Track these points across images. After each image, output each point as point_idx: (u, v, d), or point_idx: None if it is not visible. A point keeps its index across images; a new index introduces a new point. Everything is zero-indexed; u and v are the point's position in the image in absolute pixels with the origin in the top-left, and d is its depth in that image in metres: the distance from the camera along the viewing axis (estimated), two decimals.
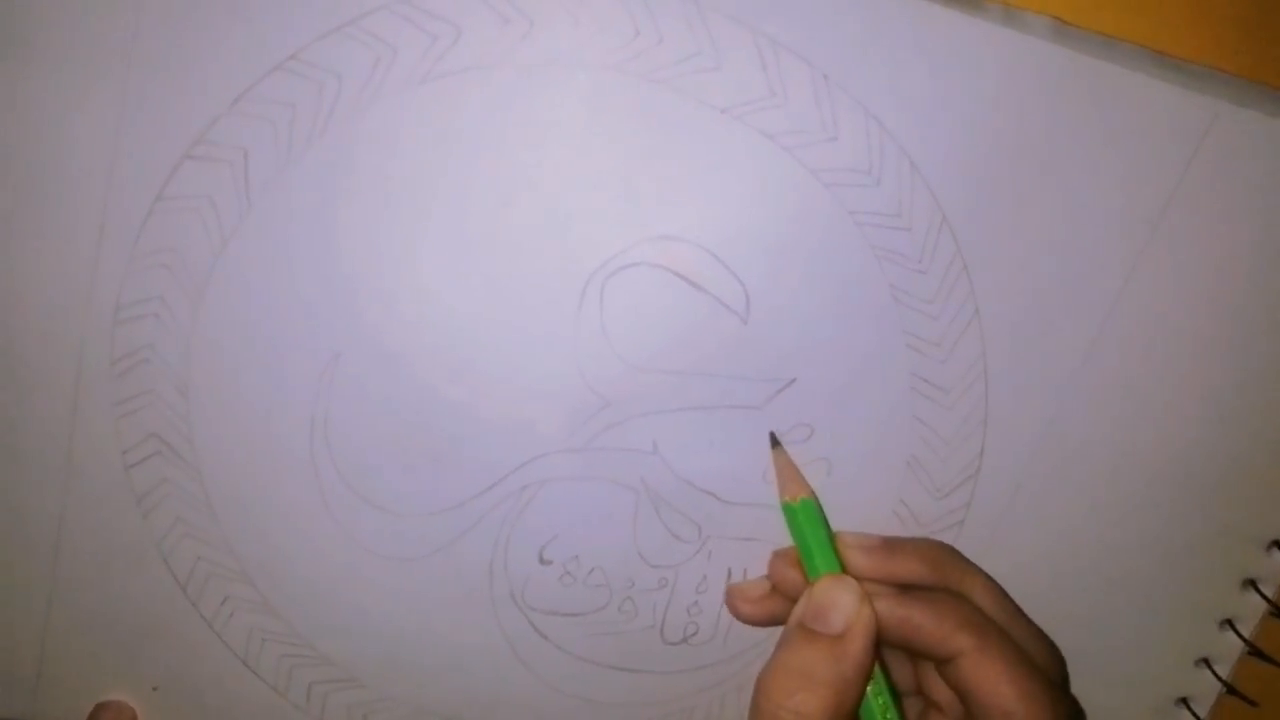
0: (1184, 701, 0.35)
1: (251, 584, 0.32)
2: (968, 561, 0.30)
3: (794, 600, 0.29)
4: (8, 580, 0.32)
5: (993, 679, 0.27)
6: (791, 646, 0.27)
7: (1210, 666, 0.34)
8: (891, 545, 0.30)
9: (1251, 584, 0.33)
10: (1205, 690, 0.35)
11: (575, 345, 0.30)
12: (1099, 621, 0.34)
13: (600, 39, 0.27)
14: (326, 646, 0.33)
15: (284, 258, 0.29)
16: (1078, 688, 0.33)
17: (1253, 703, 0.34)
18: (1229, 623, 0.34)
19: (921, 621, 0.27)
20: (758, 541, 0.32)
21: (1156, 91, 0.28)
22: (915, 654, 0.29)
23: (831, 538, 0.30)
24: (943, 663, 0.28)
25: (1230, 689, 0.34)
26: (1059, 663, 0.30)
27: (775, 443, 0.30)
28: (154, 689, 0.33)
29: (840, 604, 0.27)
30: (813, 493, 0.30)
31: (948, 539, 0.33)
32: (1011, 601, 0.30)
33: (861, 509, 0.32)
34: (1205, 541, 0.33)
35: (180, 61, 0.27)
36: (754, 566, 0.33)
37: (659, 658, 0.34)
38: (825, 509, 0.32)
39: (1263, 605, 0.33)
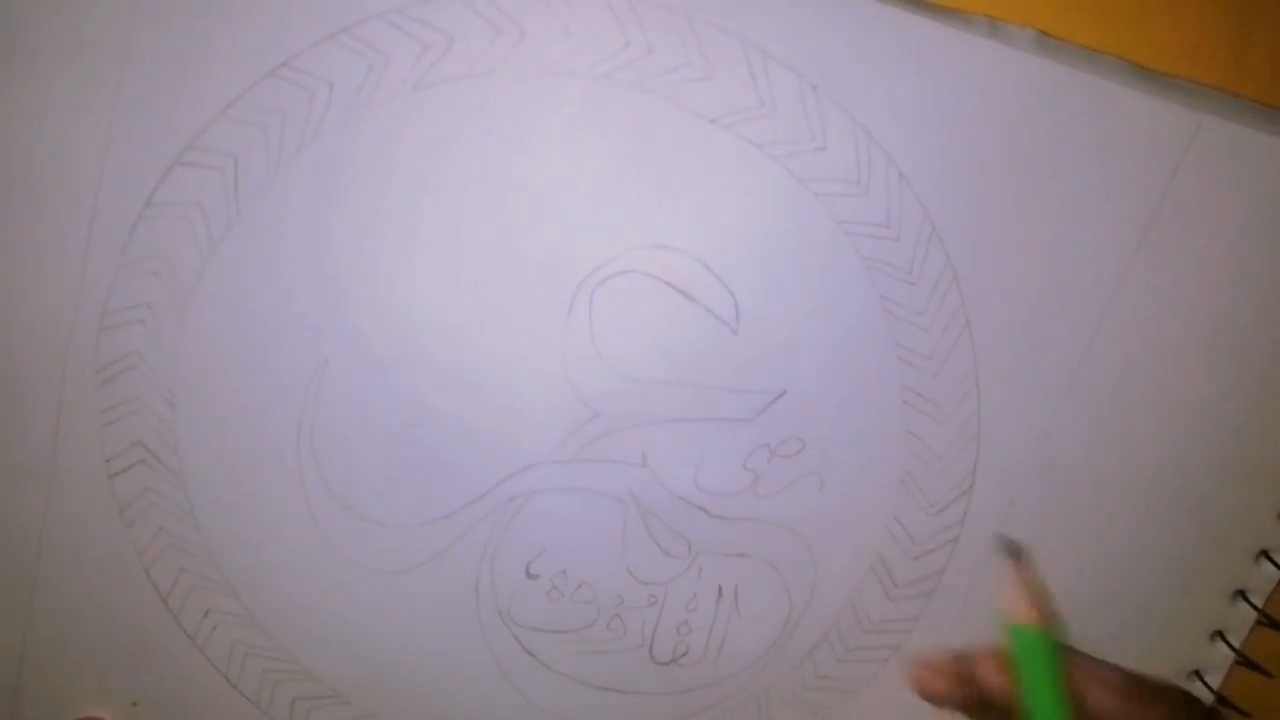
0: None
1: (235, 597, 0.32)
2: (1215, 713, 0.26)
3: (985, 696, 0.25)
4: None
5: None
6: None
7: (1201, 678, 0.34)
8: (1138, 689, 0.25)
9: (1241, 594, 0.33)
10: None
11: (564, 354, 0.29)
12: (1095, 633, 0.33)
13: (591, 49, 0.27)
14: (310, 662, 0.32)
15: (273, 265, 0.29)
16: None
17: (1245, 713, 0.34)
18: (1219, 634, 0.33)
19: None
20: (750, 558, 0.32)
21: (1140, 104, 0.28)
22: None
23: (1061, 684, 0.24)
24: None
25: (1222, 699, 0.34)
26: None
27: (1015, 553, 0.26)
28: (134, 704, 0.33)
29: None
30: (1053, 619, 0.25)
31: (942, 556, 0.32)
32: None
33: (855, 525, 0.32)
34: (1198, 551, 0.33)
35: (173, 68, 0.27)
36: (745, 584, 0.32)
37: (649, 678, 0.33)
38: (817, 524, 0.31)
39: (1252, 615, 0.33)
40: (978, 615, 0.32)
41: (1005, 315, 0.30)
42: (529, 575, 0.32)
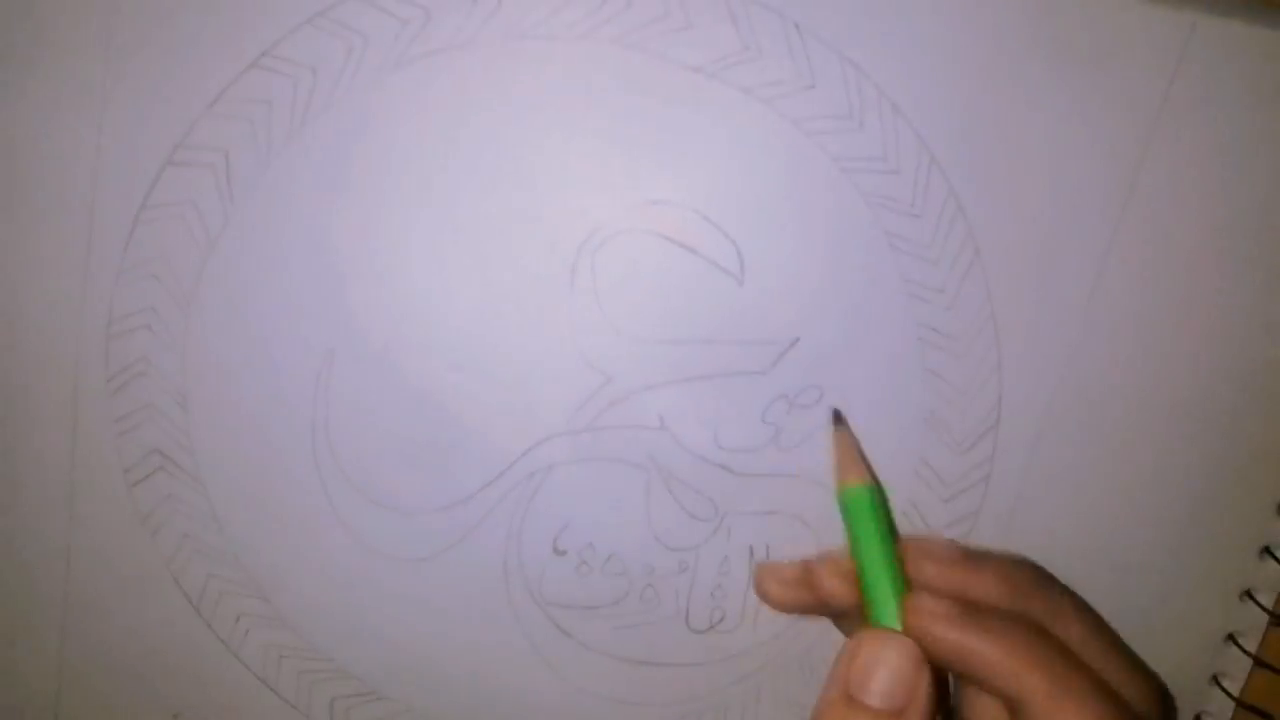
0: (1231, 637, 0.33)
1: (264, 598, 0.31)
2: (1056, 584, 0.26)
3: (826, 603, 0.26)
4: (19, 614, 0.31)
5: None
6: (831, 713, 0.23)
7: (1236, 642, 0.33)
8: (973, 561, 0.25)
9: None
10: (1247, 635, 0.33)
11: (570, 322, 0.29)
12: (1130, 570, 0.32)
13: (568, 9, 0.27)
14: (345, 659, 0.32)
15: (272, 257, 0.28)
16: (1122, 633, 0.32)
17: (1267, 715, 0.33)
18: (1249, 594, 0.33)
19: (988, 654, 0.23)
20: (778, 515, 0.31)
21: (1132, 9, 0.28)
22: (976, 685, 0.25)
23: (896, 541, 0.25)
24: (1009, 704, 0.23)
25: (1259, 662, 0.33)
26: (1160, 701, 0.25)
27: (838, 419, 0.27)
28: (175, 716, 0.32)
29: (892, 672, 0.23)
30: (877, 480, 0.26)
31: (975, 496, 0.32)
32: (1110, 633, 0.26)
33: (882, 472, 0.31)
34: (1235, 475, 0.32)
35: (154, 68, 0.27)
36: (776, 543, 0.32)
37: (687, 648, 0.33)
38: None
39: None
40: (1016, 551, 0.31)
41: (1014, 240, 0.29)
42: (556, 551, 0.31)
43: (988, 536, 0.32)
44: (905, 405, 0.31)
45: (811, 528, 0.32)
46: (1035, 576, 0.26)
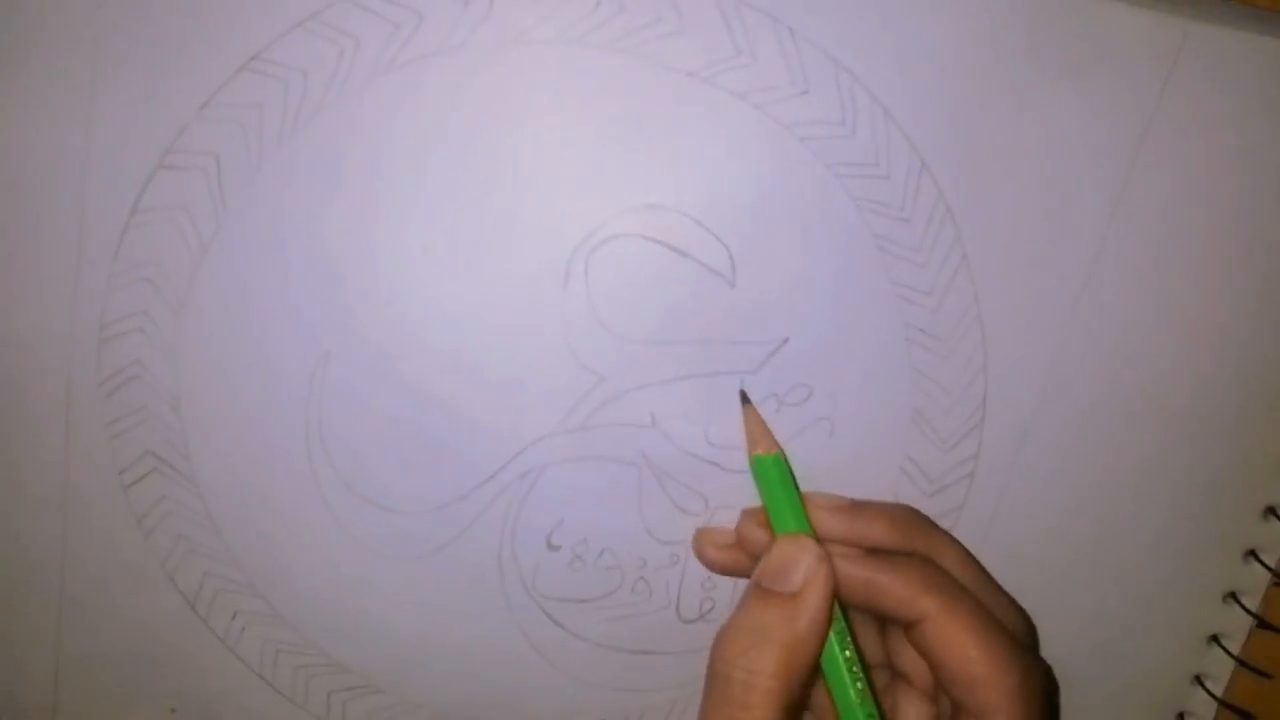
0: (1215, 638, 0.35)
1: (261, 596, 0.32)
2: (936, 526, 0.30)
3: (754, 554, 0.29)
4: (15, 614, 0.32)
5: (959, 642, 0.26)
6: (747, 605, 0.27)
7: (1220, 643, 0.34)
8: (859, 507, 0.29)
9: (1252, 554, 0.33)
10: (1231, 636, 0.34)
11: (564, 323, 0.29)
12: (1114, 570, 0.33)
13: (561, 13, 0.27)
14: (341, 654, 0.33)
15: (264, 261, 0.28)
16: (1100, 640, 0.33)
17: (1247, 715, 0.34)
18: (1234, 596, 0.34)
19: (886, 584, 0.27)
20: None
21: (1124, 16, 0.28)
22: (880, 617, 0.29)
23: (799, 497, 0.29)
24: (909, 627, 0.27)
25: (1241, 663, 0.34)
26: (1029, 627, 0.30)
27: (745, 400, 0.30)
28: (172, 710, 0.33)
29: (798, 563, 0.26)
30: (780, 449, 0.30)
31: (959, 492, 0.32)
32: (980, 566, 0.30)
33: (868, 467, 0.32)
34: (1221, 478, 0.33)
35: (144, 72, 0.27)
36: None
37: (678, 637, 0.34)
38: (830, 470, 0.31)
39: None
40: (1000, 547, 0.32)
41: (1003, 244, 0.30)
42: (550, 547, 0.32)
43: (972, 531, 0.33)
44: (891, 403, 0.31)
45: None
46: (918, 519, 0.30)
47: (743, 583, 0.33)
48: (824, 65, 0.28)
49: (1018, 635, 0.28)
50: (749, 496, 0.32)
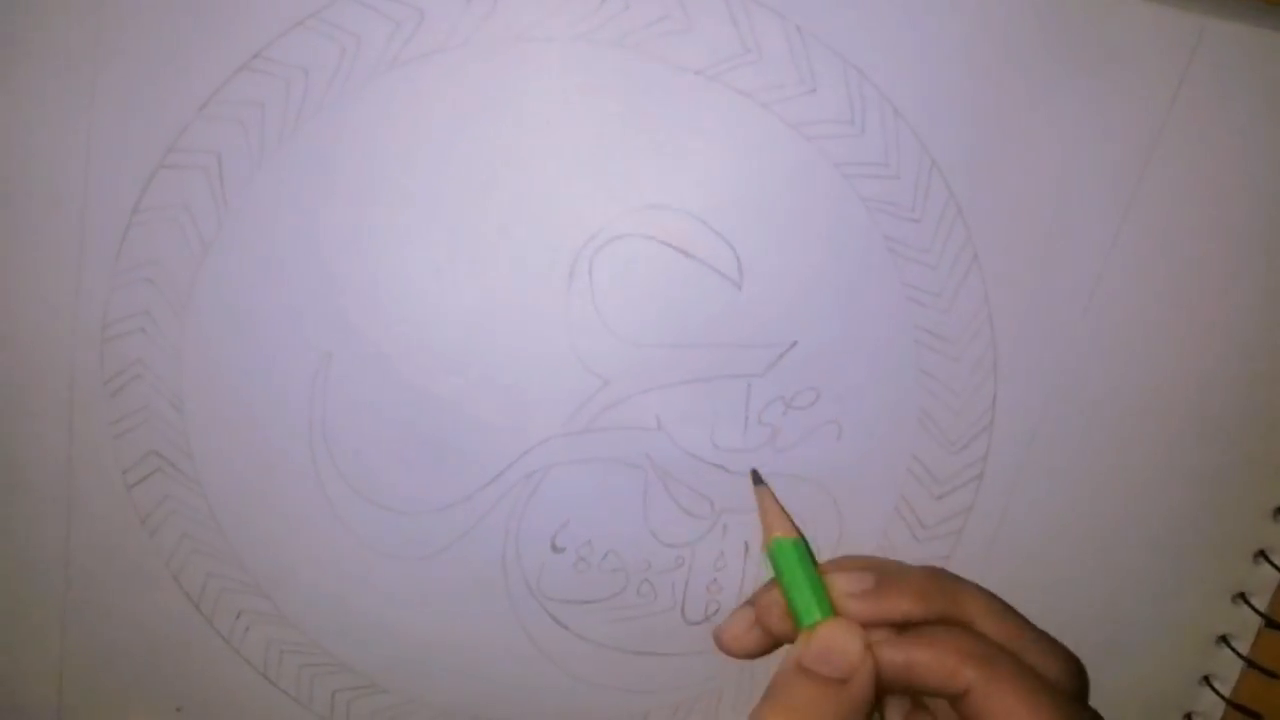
0: (1224, 639, 0.34)
1: (265, 596, 0.32)
2: (963, 583, 0.29)
3: (778, 641, 0.29)
4: (20, 613, 0.32)
5: (1006, 712, 0.25)
6: (790, 687, 0.26)
7: (1229, 644, 0.34)
8: (882, 586, 0.28)
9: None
10: (1239, 638, 0.34)
11: (568, 325, 0.29)
12: (1123, 571, 0.33)
13: (566, 9, 0.27)
14: (345, 654, 0.33)
15: (266, 260, 0.28)
16: (1108, 641, 0.33)
17: (1255, 715, 0.34)
18: (1243, 596, 0.33)
19: (925, 661, 0.26)
20: None
21: (1140, 12, 0.27)
22: (923, 694, 0.28)
23: (820, 580, 0.28)
24: (955, 700, 0.26)
25: (1249, 663, 0.34)
26: (1077, 673, 0.28)
27: (758, 480, 0.30)
28: (177, 710, 0.33)
29: (845, 649, 0.26)
30: (800, 533, 0.29)
31: (967, 494, 0.32)
32: (1017, 616, 0.28)
33: (876, 469, 0.32)
34: (1230, 478, 0.32)
35: (145, 71, 0.26)
36: None
37: (683, 639, 0.33)
38: (838, 472, 0.31)
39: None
40: (1008, 549, 0.32)
41: (1014, 245, 0.29)
42: (554, 549, 0.32)
43: (980, 533, 0.32)
44: (899, 405, 0.31)
45: (805, 524, 0.32)
46: (943, 582, 0.28)
47: (748, 583, 0.33)
48: (832, 63, 0.27)
49: (1064, 683, 0.27)
50: (754, 499, 0.32)
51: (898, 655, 0.26)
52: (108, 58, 0.26)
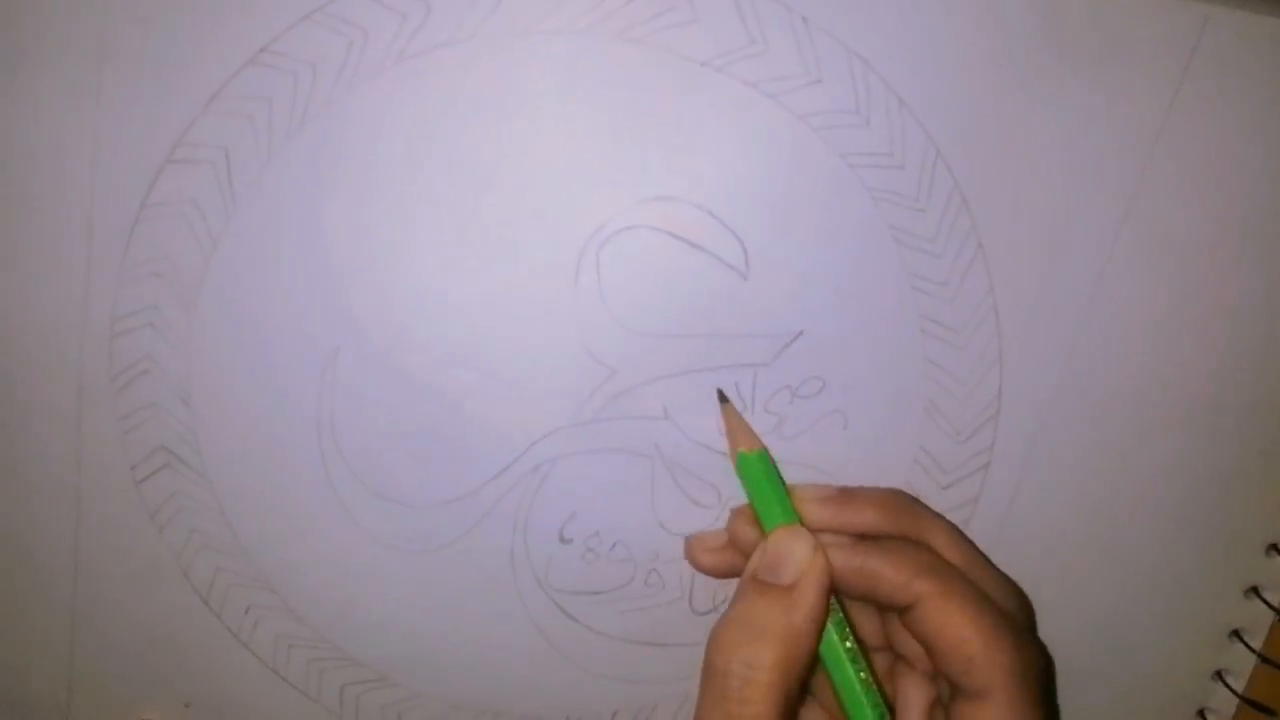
0: (1237, 633, 0.34)
1: (273, 590, 0.32)
2: (924, 507, 0.30)
3: (746, 552, 0.29)
4: (29, 608, 0.32)
5: (953, 623, 0.26)
6: (744, 599, 0.26)
7: (1241, 638, 0.34)
8: (847, 495, 0.29)
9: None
10: (1252, 632, 0.34)
11: (576, 316, 0.29)
12: (1133, 563, 0.33)
13: (571, 2, 0.27)
14: (354, 647, 0.33)
15: (274, 255, 0.28)
16: (1119, 635, 0.33)
17: (1269, 710, 0.34)
18: (1255, 591, 0.33)
19: (879, 569, 0.27)
20: None
21: (1144, 2, 0.27)
22: (876, 603, 0.29)
23: (785, 490, 0.29)
24: (904, 611, 0.27)
25: (1262, 658, 0.34)
26: (1025, 607, 0.30)
27: (723, 399, 0.30)
28: (186, 705, 0.33)
29: (792, 554, 0.26)
30: (764, 445, 0.29)
31: (975, 483, 0.32)
32: (973, 546, 0.29)
33: (882, 459, 0.32)
34: (1241, 469, 0.32)
35: (151, 66, 0.27)
36: None
37: (691, 629, 0.33)
38: (843, 463, 0.31)
39: None
40: (1016, 539, 0.32)
41: (1019, 234, 0.29)
42: (562, 540, 0.32)
43: (987, 522, 0.32)
44: (905, 395, 0.31)
45: None
46: (906, 502, 0.30)
47: None
48: (837, 54, 0.27)
49: (1012, 614, 0.27)
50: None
51: (853, 560, 0.27)
52: (114, 53, 0.26)
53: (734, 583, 0.33)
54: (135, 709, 0.33)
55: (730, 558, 0.30)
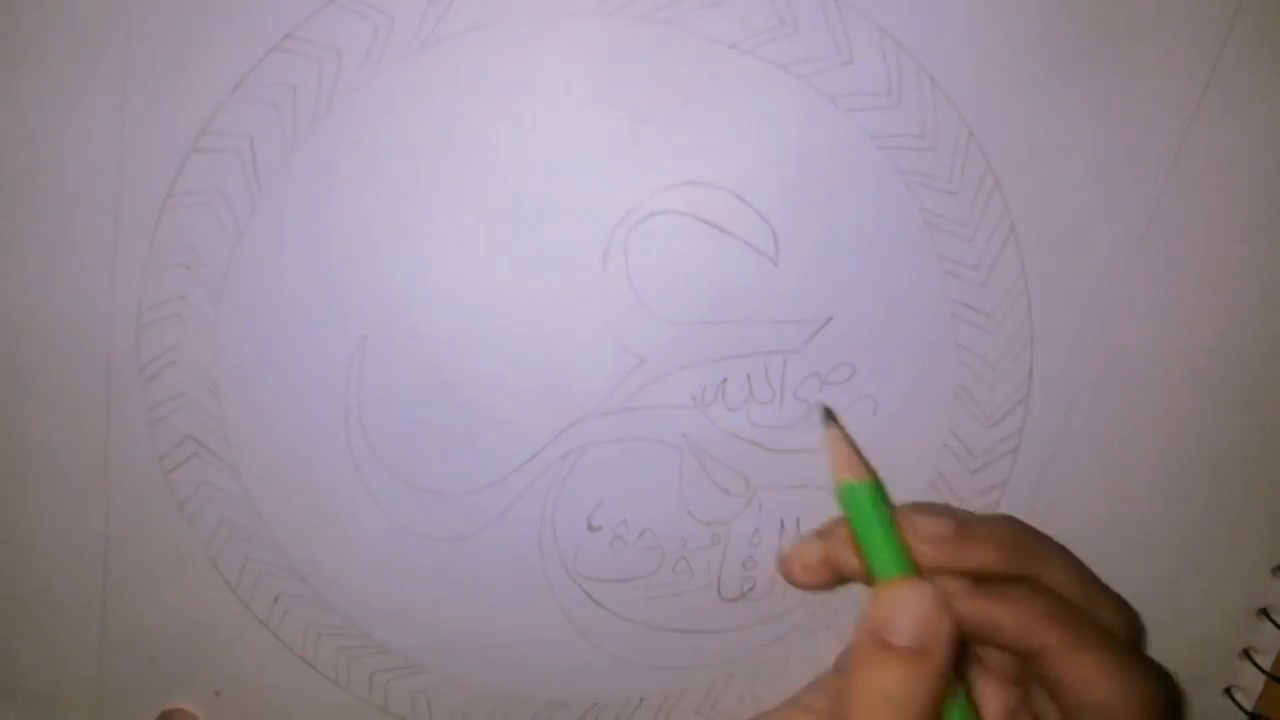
0: (1264, 612, 0.34)
1: (302, 579, 0.32)
2: (1041, 538, 0.28)
3: (847, 578, 0.28)
4: (59, 600, 0.32)
5: (1085, 676, 0.25)
6: (869, 666, 0.24)
7: (1270, 616, 0.34)
8: (963, 534, 0.27)
9: None
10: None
11: (604, 304, 0.29)
12: (1162, 545, 0.33)
13: None
14: (383, 635, 0.33)
15: (300, 244, 0.28)
16: (1147, 615, 0.33)
17: None
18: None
19: (1001, 620, 0.25)
20: (808, 489, 0.32)
21: None
22: (996, 648, 0.27)
23: (897, 528, 0.26)
24: (1028, 657, 0.26)
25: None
26: (1136, 624, 0.29)
27: (829, 417, 0.28)
28: (216, 693, 0.33)
29: (915, 614, 0.24)
30: (875, 476, 0.27)
31: (1004, 467, 0.32)
32: (1086, 571, 0.28)
33: (911, 444, 0.31)
34: (1274, 450, 0.32)
35: (175, 54, 0.26)
36: (806, 516, 0.32)
37: (719, 616, 0.33)
38: (874, 447, 0.31)
39: None
40: (1044, 522, 0.32)
41: (1051, 216, 0.29)
42: (590, 528, 0.32)
43: (1016, 506, 0.32)
44: (935, 379, 0.31)
45: None
46: (1022, 535, 0.28)
47: None
48: (869, 33, 0.27)
49: (1135, 644, 0.27)
50: (791, 476, 0.32)
51: (974, 609, 0.25)
52: (138, 40, 0.26)
53: (763, 569, 0.33)
54: (166, 698, 0.33)
55: (826, 575, 0.29)
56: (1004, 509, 0.32)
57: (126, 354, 0.29)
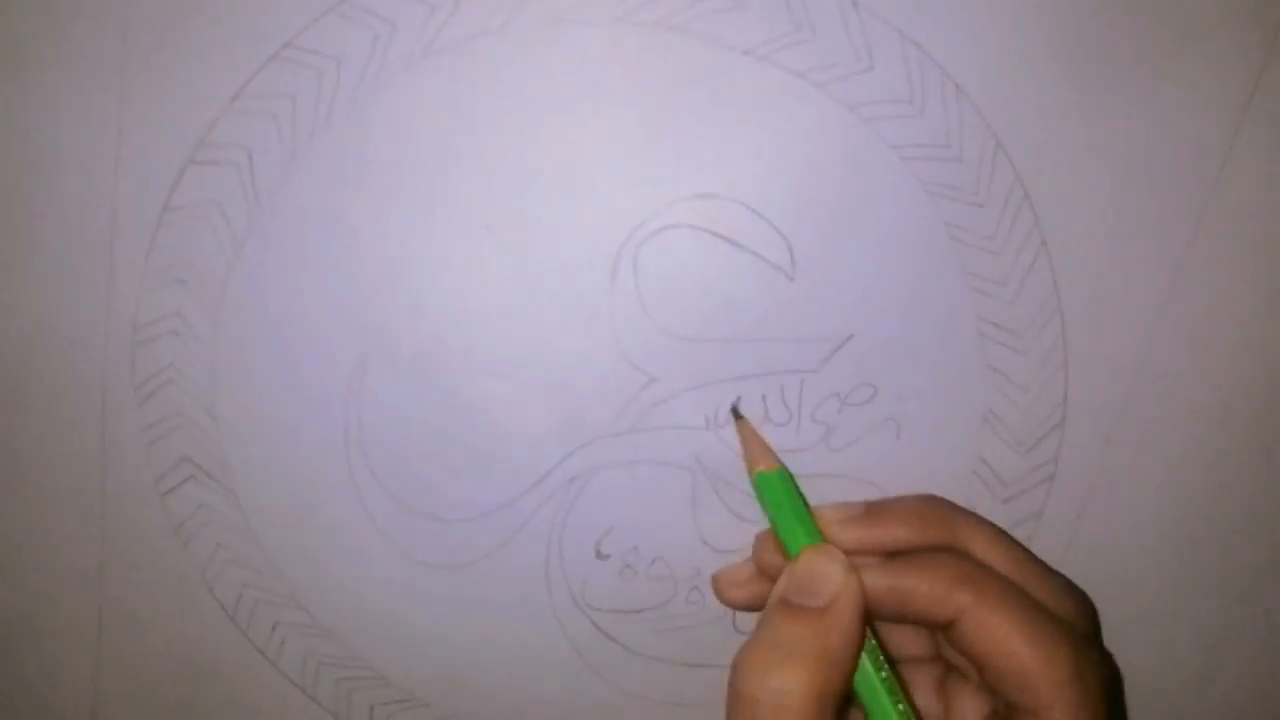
0: None
1: (301, 607, 0.31)
2: (960, 510, 0.27)
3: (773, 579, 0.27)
4: (54, 624, 0.31)
5: (1000, 636, 0.23)
6: (772, 623, 0.24)
7: None
8: (873, 511, 0.27)
9: None
10: None
11: (612, 321, 0.28)
12: (1213, 580, 0.31)
13: None
14: (384, 666, 0.31)
15: (299, 259, 0.27)
16: (1199, 658, 0.31)
17: None
18: None
19: (912, 585, 0.25)
20: None
21: None
22: (915, 623, 0.26)
23: (808, 509, 0.27)
24: (948, 629, 0.25)
25: None
26: (1086, 612, 0.27)
27: (737, 414, 0.28)
28: None
29: (824, 575, 0.24)
30: (782, 464, 0.28)
31: (1037, 497, 0.30)
32: (1020, 548, 0.27)
33: (937, 471, 0.30)
34: None
35: (172, 64, 0.26)
36: None
37: (733, 650, 0.32)
38: (896, 475, 0.29)
39: None
40: (1084, 558, 0.30)
41: (1086, 230, 0.27)
42: (599, 556, 0.30)
43: (1051, 540, 0.30)
44: (963, 402, 0.29)
45: None
46: (937, 508, 0.27)
47: None
48: (890, 39, 0.26)
49: (1069, 619, 0.25)
50: (810, 500, 0.30)
51: (884, 580, 0.25)
52: (136, 51, 0.25)
53: None
54: None
55: (761, 589, 0.28)
56: (1039, 542, 0.30)
57: (122, 372, 0.28)
